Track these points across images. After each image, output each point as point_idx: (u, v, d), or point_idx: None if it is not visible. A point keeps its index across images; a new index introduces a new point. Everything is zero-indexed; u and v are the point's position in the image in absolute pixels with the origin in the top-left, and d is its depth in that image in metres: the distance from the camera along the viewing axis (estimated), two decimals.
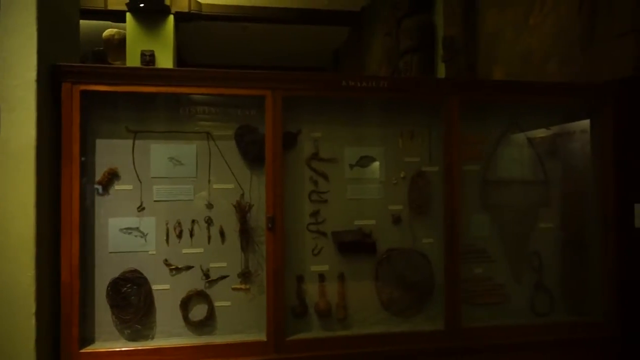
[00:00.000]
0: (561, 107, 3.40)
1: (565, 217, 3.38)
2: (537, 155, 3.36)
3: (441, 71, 5.80)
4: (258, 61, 11.03)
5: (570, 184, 3.45)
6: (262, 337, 2.79)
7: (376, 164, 3.12)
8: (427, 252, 3.13)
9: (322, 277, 3.02)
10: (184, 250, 2.88)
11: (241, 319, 2.92)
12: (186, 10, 7.98)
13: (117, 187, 2.82)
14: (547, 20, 4.14)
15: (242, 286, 2.93)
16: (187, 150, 2.91)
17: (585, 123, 3.35)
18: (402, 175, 3.13)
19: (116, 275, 2.77)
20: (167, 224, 2.86)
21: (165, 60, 7.72)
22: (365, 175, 3.11)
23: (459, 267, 2.99)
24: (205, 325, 2.88)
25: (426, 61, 6.04)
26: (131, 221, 2.82)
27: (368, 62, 8.87)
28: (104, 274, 2.77)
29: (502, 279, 3.26)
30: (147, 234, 2.83)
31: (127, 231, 2.81)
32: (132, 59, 7.58)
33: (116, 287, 2.76)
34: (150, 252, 2.84)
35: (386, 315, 3.09)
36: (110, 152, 2.82)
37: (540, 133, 3.47)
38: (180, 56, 9.37)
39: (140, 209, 2.83)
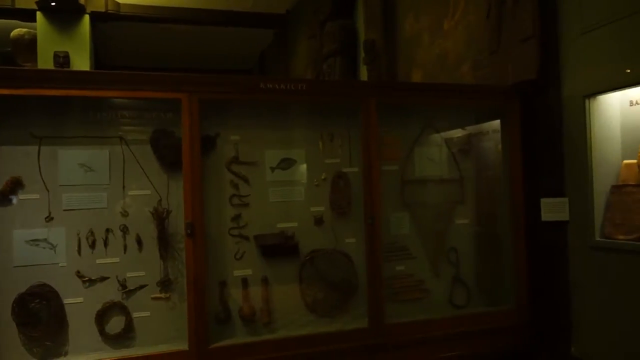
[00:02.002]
0: (474, 108, 3.56)
1: (479, 212, 3.55)
2: (452, 154, 3.51)
3: (363, 74, 5.92)
4: (182, 64, 10.77)
5: (484, 181, 3.62)
6: (184, 346, 2.72)
7: (297, 166, 3.13)
8: (350, 251, 3.18)
9: (245, 281, 2.99)
10: (98, 261, 2.75)
11: (162, 329, 2.84)
12: (103, 10, 7.64)
13: (22, 196, 2.65)
14: (459, 26, 4.34)
15: (162, 295, 2.84)
16: (99, 156, 2.79)
17: (497, 123, 3.53)
18: (323, 177, 3.16)
19: (23, 290, 2.60)
20: (78, 234, 2.72)
21: (81, 62, 7.35)
22: (286, 178, 3.11)
23: (381, 265, 3.06)
24: (123, 338, 2.77)
25: (349, 64, 6.15)
26: (38, 232, 2.66)
27: (294, 65, 8.90)
28: (9, 290, 2.59)
29: (423, 275, 3.37)
30: (56, 245, 2.68)
31: (34, 243, 2.65)
32: (45, 61, 7.16)
33: (23, 303, 2.59)
34: (60, 264, 2.70)
35: (312, 317, 3.11)
36: (13, 159, 2.64)
37: (455, 133, 3.62)
38: (98, 58, 8.97)
39: (49, 219, 2.68)
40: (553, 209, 3.27)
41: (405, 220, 3.34)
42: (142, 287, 2.81)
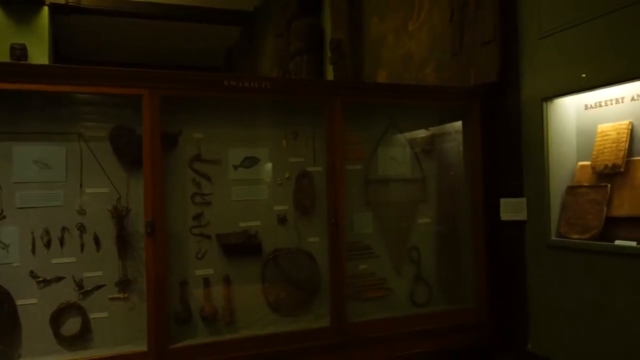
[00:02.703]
0: (437, 109, 3.61)
1: (441, 211, 3.60)
2: (415, 154, 3.55)
3: (329, 73, 5.94)
4: (146, 59, 10.56)
5: (446, 181, 3.68)
6: (143, 347, 2.67)
7: (261, 164, 3.11)
8: (313, 251, 3.18)
9: (207, 281, 2.95)
10: (54, 260, 2.67)
11: (121, 330, 2.78)
12: (63, 2, 7.42)
13: None
14: (424, 27, 4.39)
15: (121, 295, 2.78)
16: (55, 152, 2.71)
17: (460, 124, 3.59)
18: (286, 176, 3.16)
19: None
20: (33, 232, 2.63)
21: (39, 55, 7.11)
22: (249, 176, 3.09)
23: (344, 264, 3.07)
24: (80, 339, 2.70)
25: (315, 63, 6.15)
26: None
27: (261, 63, 8.84)
28: None
29: (385, 273, 3.40)
30: (9, 245, 2.59)
31: None
32: (1, 53, 6.90)
33: None
34: (14, 265, 2.61)
35: (274, 316, 3.10)
36: None
37: (418, 133, 3.67)
38: (58, 52, 8.71)
39: (1, 217, 2.58)
40: (512, 209, 3.36)
41: (369, 220, 3.36)
42: (99, 287, 2.75)
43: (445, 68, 4.00)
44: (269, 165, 3.16)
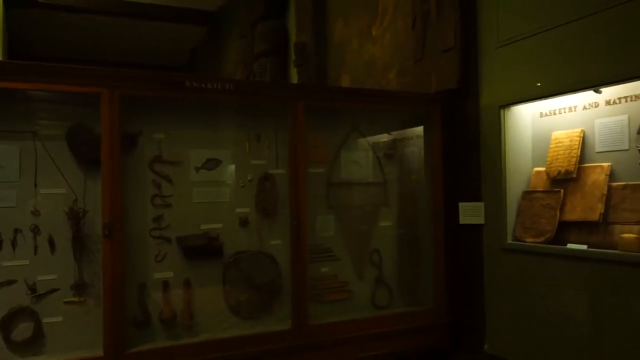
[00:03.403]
0: (399, 113, 3.66)
1: (402, 215, 3.66)
2: (377, 158, 3.59)
3: (294, 76, 5.94)
4: (108, 57, 10.32)
5: (407, 185, 3.74)
6: (99, 352, 2.60)
7: (223, 166, 3.09)
8: (275, 253, 3.17)
9: (166, 284, 2.91)
10: (5, 263, 2.58)
11: (76, 335, 2.70)
12: None
13: None
14: (387, 33, 4.46)
15: (76, 299, 2.70)
16: (8, 151, 2.61)
17: (421, 129, 3.65)
18: (249, 178, 3.14)
19: None
20: None
21: None
22: (211, 178, 3.06)
23: (305, 267, 3.07)
24: (32, 345, 2.61)
25: (280, 65, 6.15)
26: None
27: (225, 64, 8.77)
28: None
29: (347, 276, 3.42)
30: None
31: None
32: None
33: None
34: None
35: (235, 319, 3.07)
36: None
37: (380, 138, 3.71)
38: (13, 47, 8.41)
39: None
40: (470, 213, 3.44)
41: (331, 222, 3.38)
42: (54, 290, 2.66)
43: (408, 73, 4.06)
44: (232, 168, 3.14)
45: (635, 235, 2.64)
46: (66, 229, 2.69)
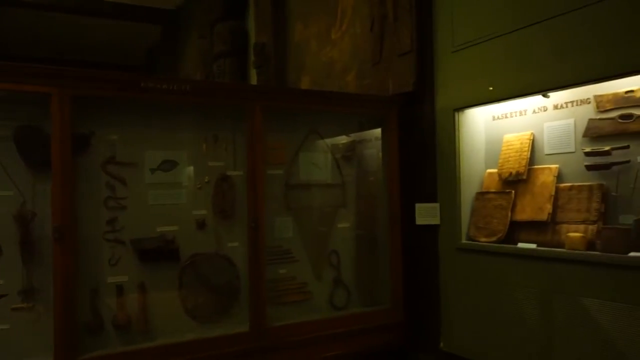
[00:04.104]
0: (357, 115, 3.70)
1: (360, 216, 3.70)
2: (335, 160, 3.62)
3: (253, 77, 5.92)
4: (63, 55, 9.99)
5: (365, 186, 3.78)
6: None
7: (179, 168, 3.05)
8: (233, 255, 3.15)
9: (120, 288, 2.84)
10: None
11: (24, 343, 2.61)
12: None
13: None
14: (346, 36, 4.50)
15: (24, 305, 2.61)
16: None
17: (379, 131, 3.70)
18: (206, 180, 3.11)
19: None
20: None
21: None
22: (167, 180, 3.02)
23: (263, 268, 3.07)
24: None
25: (239, 66, 6.11)
26: None
27: (184, 64, 8.64)
28: None
29: (305, 277, 3.43)
30: None
31: None
32: None
33: None
34: None
35: (192, 323, 3.04)
36: None
37: (339, 139, 3.74)
38: None
39: None
40: (426, 214, 3.50)
41: (289, 224, 3.38)
42: (0, 297, 2.56)
43: (366, 76, 4.11)
44: (188, 169, 3.10)
45: (580, 234, 2.75)
46: (14, 232, 2.60)
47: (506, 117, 3.37)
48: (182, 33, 8.69)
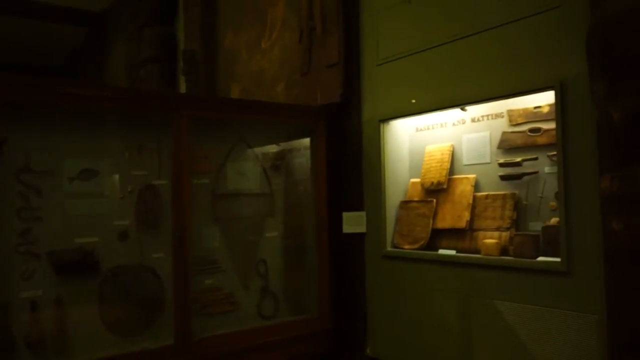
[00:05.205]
0: (286, 125, 3.72)
1: (288, 225, 3.71)
2: (263, 169, 3.62)
3: (182, 84, 5.81)
4: None
5: (294, 195, 3.81)
6: None
7: (100, 177, 2.94)
8: (157, 267, 3.07)
9: (34, 303, 2.69)
10: None
11: None
12: None
13: None
14: (275, 46, 4.52)
15: None
16: None
17: (308, 140, 3.74)
18: (129, 189, 3.02)
19: None
20: None
21: None
22: (87, 190, 2.90)
23: (189, 280, 3.00)
24: None
25: (168, 73, 5.98)
26: None
27: (109, 68, 8.34)
28: None
29: (233, 288, 3.40)
30: None
31: None
32: None
33: None
34: None
35: (113, 338, 2.92)
36: None
37: (267, 149, 3.75)
38: None
39: None
40: (353, 222, 3.58)
41: (216, 234, 3.34)
42: None
43: (296, 87, 4.15)
44: (111, 178, 3.00)
45: (495, 241, 2.91)
46: None
47: (428, 129, 3.52)
48: (108, 37, 8.40)
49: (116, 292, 2.93)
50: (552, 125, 2.72)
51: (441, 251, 3.18)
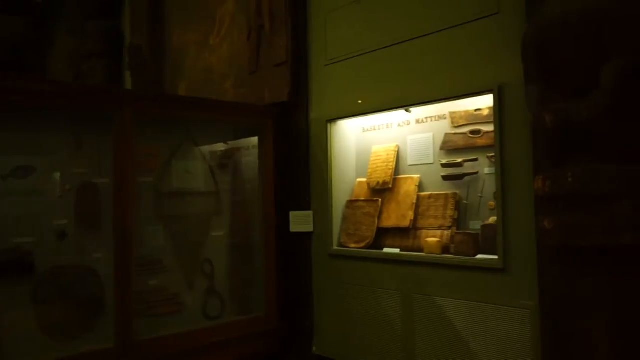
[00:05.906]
0: (233, 123, 3.69)
1: (235, 224, 3.69)
2: (210, 168, 3.58)
3: (128, 79, 5.65)
4: None
5: (242, 194, 3.78)
6: None
7: (37, 175, 2.83)
8: (97, 267, 2.98)
9: None
10: None
11: None
12: None
13: None
14: (224, 43, 4.48)
15: None
16: None
17: (257, 139, 3.72)
18: (67, 188, 2.91)
19: None
20: None
21: None
22: (22, 188, 2.78)
23: (131, 280, 2.92)
24: None
25: (113, 68, 5.81)
26: None
27: (53, 61, 7.99)
28: None
29: (177, 288, 3.34)
30: None
31: None
32: None
33: None
34: None
35: (49, 341, 2.81)
36: None
37: (215, 147, 3.71)
38: None
39: None
40: (300, 221, 3.59)
41: (160, 233, 3.28)
42: None
43: (244, 85, 4.12)
44: (48, 176, 2.89)
45: (437, 239, 2.99)
46: None
47: (375, 129, 3.58)
48: (51, 27, 8.05)
49: (53, 294, 2.83)
50: (491, 127, 2.82)
51: (386, 250, 3.24)
